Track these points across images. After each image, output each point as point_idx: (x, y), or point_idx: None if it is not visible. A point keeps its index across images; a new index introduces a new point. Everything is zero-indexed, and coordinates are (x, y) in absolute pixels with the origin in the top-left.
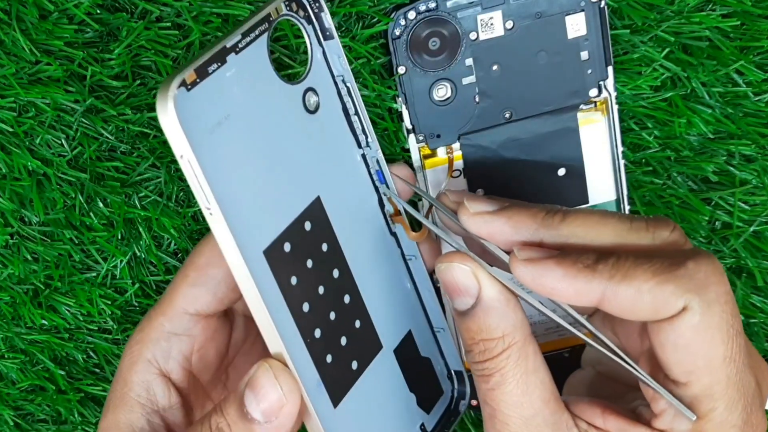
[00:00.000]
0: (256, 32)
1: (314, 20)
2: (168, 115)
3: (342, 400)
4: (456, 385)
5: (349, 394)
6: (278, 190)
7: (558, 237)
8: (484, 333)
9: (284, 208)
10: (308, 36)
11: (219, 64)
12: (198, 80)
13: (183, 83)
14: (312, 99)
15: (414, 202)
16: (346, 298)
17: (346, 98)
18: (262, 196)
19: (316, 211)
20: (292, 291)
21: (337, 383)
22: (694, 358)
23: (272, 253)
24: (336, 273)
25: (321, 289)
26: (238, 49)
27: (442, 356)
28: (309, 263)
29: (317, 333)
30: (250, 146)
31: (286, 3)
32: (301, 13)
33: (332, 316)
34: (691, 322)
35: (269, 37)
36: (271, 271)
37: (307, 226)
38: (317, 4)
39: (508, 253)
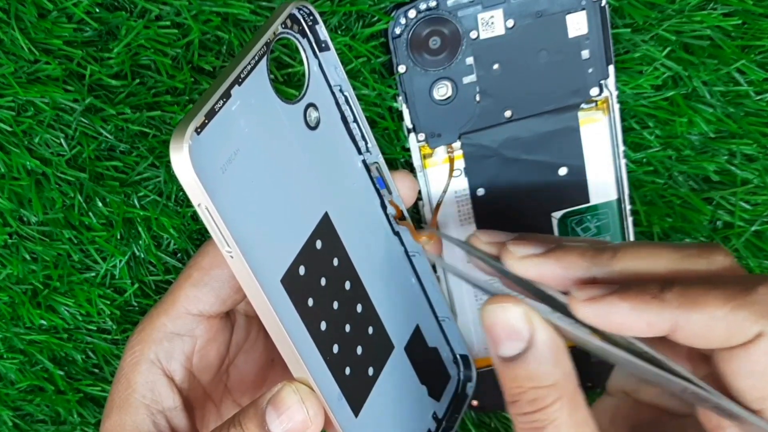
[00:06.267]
0: (257, 58)
1: (309, 33)
2: (184, 168)
3: (362, 408)
4: (462, 369)
5: (367, 400)
6: (289, 215)
7: (611, 273)
8: (535, 381)
9: (296, 231)
10: (304, 51)
11: (224, 99)
12: (207, 121)
13: (195, 130)
14: (313, 115)
15: (415, 203)
16: (359, 308)
17: (344, 107)
18: (275, 225)
19: (325, 227)
20: (309, 312)
21: (357, 393)
22: None
23: (289, 280)
24: (348, 285)
25: (335, 305)
26: (240, 80)
27: (448, 343)
28: (323, 281)
29: (335, 348)
30: (259, 177)
31: (282, 23)
32: (296, 27)
33: (347, 328)
34: (766, 349)
35: (268, 59)
36: (289, 298)
37: (318, 244)
38: (312, 18)
39: (564, 293)
